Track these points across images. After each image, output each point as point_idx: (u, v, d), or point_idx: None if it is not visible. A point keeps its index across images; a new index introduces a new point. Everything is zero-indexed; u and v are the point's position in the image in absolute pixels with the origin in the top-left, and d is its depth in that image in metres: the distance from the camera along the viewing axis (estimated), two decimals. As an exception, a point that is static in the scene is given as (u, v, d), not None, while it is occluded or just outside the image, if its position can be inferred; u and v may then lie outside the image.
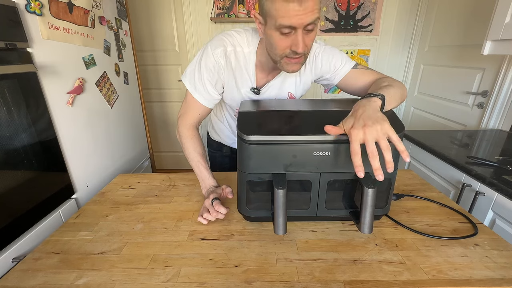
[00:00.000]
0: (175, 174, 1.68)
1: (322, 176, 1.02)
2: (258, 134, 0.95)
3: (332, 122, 0.95)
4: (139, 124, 2.94)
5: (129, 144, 2.66)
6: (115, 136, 2.38)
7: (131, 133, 2.72)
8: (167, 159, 4.79)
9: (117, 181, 1.62)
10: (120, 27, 2.57)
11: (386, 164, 0.84)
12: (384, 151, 0.84)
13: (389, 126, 0.85)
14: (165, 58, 4.17)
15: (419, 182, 1.53)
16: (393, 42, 3.98)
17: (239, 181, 1.09)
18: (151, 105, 4.41)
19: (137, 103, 2.90)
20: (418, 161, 2.17)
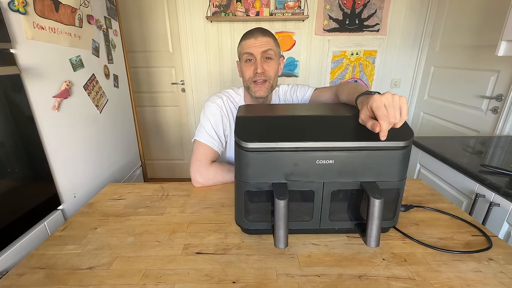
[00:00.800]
0: (168, 183, 1.69)
1: (325, 185, 1.02)
2: (257, 140, 0.95)
3: (336, 127, 0.97)
4: (130, 130, 2.95)
5: (120, 151, 2.67)
6: (105, 143, 2.38)
7: (122, 140, 2.72)
8: (160, 168, 4.79)
9: (106, 191, 1.62)
10: (110, 26, 2.58)
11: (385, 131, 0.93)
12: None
13: (406, 100, 0.95)
14: (157, 59, 4.18)
15: (429, 192, 1.54)
16: (402, 42, 4.01)
17: (236, 191, 1.09)
18: (143, 110, 4.42)
19: (127, 108, 2.90)
20: (428, 169, 2.17)
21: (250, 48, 1.59)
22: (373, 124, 0.93)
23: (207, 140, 1.66)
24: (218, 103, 1.73)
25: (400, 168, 1.00)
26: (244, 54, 1.62)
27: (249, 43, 1.60)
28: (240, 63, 1.71)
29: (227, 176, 1.64)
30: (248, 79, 1.66)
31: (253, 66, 1.63)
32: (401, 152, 0.96)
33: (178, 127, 4.55)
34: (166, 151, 4.69)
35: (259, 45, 1.58)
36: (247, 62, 1.64)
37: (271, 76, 1.65)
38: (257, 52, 1.59)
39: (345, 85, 1.52)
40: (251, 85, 1.67)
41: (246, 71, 1.65)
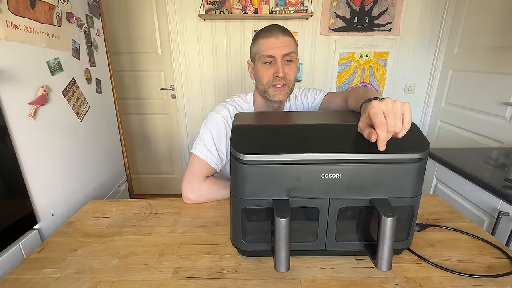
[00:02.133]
0: (157, 200, 1.69)
1: (331, 202, 1.03)
2: (255, 152, 0.96)
3: (343, 137, 0.98)
4: (114, 141, 2.95)
5: (103, 164, 2.67)
6: (86, 155, 2.38)
7: (105, 152, 2.72)
8: (147, 183, 4.79)
9: (88, 209, 1.62)
10: (92, 25, 2.58)
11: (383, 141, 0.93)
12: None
13: (409, 106, 0.96)
14: (145, 62, 4.20)
15: (447, 209, 1.54)
16: (416, 43, 4.03)
17: (233, 209, 1.09)
18: (129, 118, 4.43)
19: (111, 116, 2.91)
20: (445, 184, 2.18)
21: (271, 50, 1.58)
22: (369, 133, 0.94)
23: (205, 154, 1.65)
24: (223, 114, 1.71)
25: (414, 183, 1.00)
26: (263, 56, 1.61)
27: (270, 43, 1.59)
28: (255, 64, 1.71)
29: (223, 192, 1.64)
30: (266, 82, 1.65)
31: (272, 69, 1.62)
32: (416, 165, 0.97)
33: (167, 138, 4.55)
34: (155, 164, 4.68)
35: (281, 46, 1.58)
36: (266, 64, 1.63)
37: (291, 80, 1.66)
38: (278, 54, 1.58)
39: (355, 90, 1.52)
40: (269, 89, 1.66)
41: (264, 74, 1.65)
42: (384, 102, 0.93)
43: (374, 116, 0.92)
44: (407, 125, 0.93)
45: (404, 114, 0.93)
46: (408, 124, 0.93)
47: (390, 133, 0.92)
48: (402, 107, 0.93)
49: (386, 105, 0.93)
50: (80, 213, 1.58)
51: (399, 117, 0.92)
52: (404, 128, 0.93)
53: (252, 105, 1.84)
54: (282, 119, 1.27)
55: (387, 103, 0.93)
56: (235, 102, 1.82)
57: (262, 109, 1.82)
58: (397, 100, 0.94)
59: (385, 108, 0.92)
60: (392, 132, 0.92)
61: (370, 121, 0.96)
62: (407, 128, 0.93)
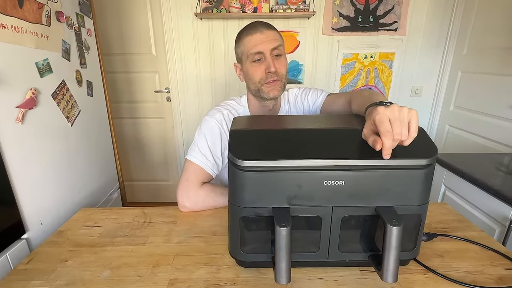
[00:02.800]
0: (151, 208, 1.69)
1: (334, 211, 1.03)
2: (254, 158, 0.96)
3: (347, 143, 0.99)
4: (107, 146, 2.96)
5: (94, 171, 2.67)
6: (77, 161, 2.38)
7: (97, 158, 2.72)
8: (141, 190, 4.79)
9: (78, 217, 1.62)
10: (83, 24, 2.59)
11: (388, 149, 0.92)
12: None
13: (416, 114, 0.95)
14: (138, 63, 4.20)
15: (456, 218, 1.54)
16: (424, 43, 4.03)
17: (230, 218, 1.09)
18: (122, 122, 4.43)
19: (103, 120, 2.92)
20: (454, 192, 2.18)
21: (258, 46, 1.59)
22: (374, 141, 0.93)
23: (200, 160, 1.66)
24: (218, 118, 1.72)
25: (421, 190, 1.00)
26: (251, 54, 1.62)
27: (256, 39, 1.60)
28: (244, 64, 1.71)
29: (220, 199, 1.64)
30: (259, 80, 1.66)
31: (263, 66, 1.63)
32: (423, 172, 0.97)
33: (162, 143, 4.55)
34: (149, 171, 4.68)
35: (268, 41, 1.59)
36: (255, 62, 1.64)
37: (283, 74, 1.67)
38: (267, 49, 1.59)
39: (359, 92, 1.52)
40: (262, 87, 1.67)
41: (256, 73, 1.65)
42: (390, 108, 0.93)
43: (380, 123, 0.92)
44: (413, 133, 0.93)
45: (410, 122, 0.93)
46: (415, 132, 0.93)
47: (396, 141, 0.92)
48: (409, 114, 0.93)
49: (393, 112, 0.93)
50: (70, 222, 1.58)
51: (405, 124, 0.92)
52: (410, 137, 0.93)
53: (247, 108, 1.85)
54: (283, 123, 1.27)
55: (393, 110, 0.93)
56: (230, 105, 1.83)
57: (257, 111, 1.84)
58: (403, 107, 0.94)
59: (391, 115, 0.92)
60: (398, 140, 0.92)
61: (375, 128, 0.96)
62: (413, 137, 0.93)
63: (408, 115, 0.93)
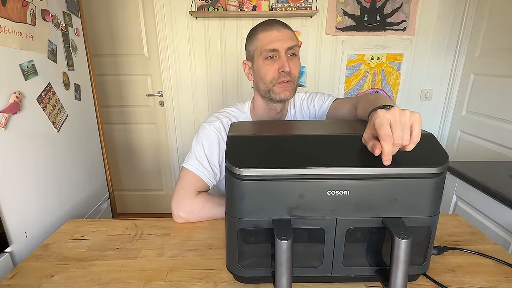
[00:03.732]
0: (143, 220, 1.69)
1: (339, 222, 1.02)
2: (253, 166, 0.95)
3: (352, 150, 0.99)
4: (95, 154, 2.96)
5: (82, 180, 2.67)
6: (64, 169, 2.38)
7: (85, 166, 2.72)
8: (132, 200, 4.78)
9: (65, 230, 1.62)
10: (70, 24, 2.59)
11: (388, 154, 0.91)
12: None
13: (419, 117, 0.94)
14: (130, 65, 4.20)
15: (468, 230, 1.54)
16: (434, 44, 4.03)
17: (228, 230, 1.09)
18: (112, 128, 4.43)
19: (92, 126, 2.92)
20: (466, 202, 2.18)
21: (274, 43, 1.60)
22: (373, 145, 0.93)
23: (197, 168, 1.66)
24: (216, 125, 1.72)
25: (431, 200, 1.00)
26: (265, 51, 1.63)
27: (272, 36, 1.61)
28: (256, 62, 1.72)
29: (216, 210, 1.64)
30: (271, 80, 1.66)
31: (276, 64, 1.63)
32: (433, 181, 0.97)
33: (155, 150, 4.55)
34: (141, 180, 4.67)
35: (284, 39, 1.60)
36: (268, 59, 1.64)
37: (296, 76, 1.68)
38: (282, 47, 1.60)
39: (365, 96, 1.51)
40: (273, 87, 1.67)
41: (268, 71, 1.66)
42: (391, 111, 0.93)
43: (379, 126, 0.92)
44: (416, 137, 0.92)
45: (413, 125, 0.92)
46: (417, 136, 0.92)
47: (396, 146, 0.91)
48: (411, 117, 0.92)
49: (393, 115, 0.92)
50: (57, 234, 1.58)
51: (407, 128, 0.91)
52: (413, 141, 0.92)
53: (250, 114, 1.86)
54: (284, 129, 1.27)
55: (394, 112, 0.92)
56: (230, 113, 1.84)
57: (263, 115, 1.84)
58: (405, 110, 0.94)
59: (391, 118, 0.92)
60: (399, 145, 0.91)
61: (375, 132, 0.95)
62: (416, 141, 0.92)
63: (410, 118, 0.92)
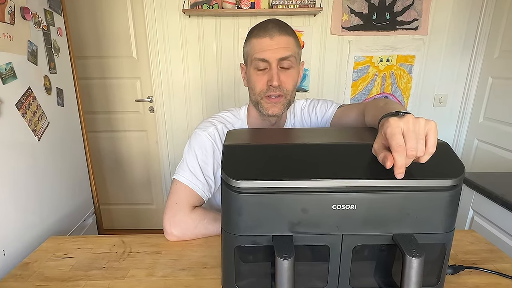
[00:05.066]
0: (131, 236, 1.68)
1: (345, 239, 1.02)
2: (251, 178, 0.95)
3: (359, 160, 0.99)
4: (80, 164, 2.95)
5: (65, 193, 2.66)
6: (45, 181, 2.37)
7: (68, 177, 2.72)
8: (119, 215, 4.77)
9: (47, 247, 1.61)
10: (52, 23, 2.59)
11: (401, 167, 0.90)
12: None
13: (435, 125, 0.93)
14: (117, 68, 4.20)
15: (486, 248, 1.54)
16: (449, 45, 4.03)
17: (224, 247, 1.08)
18: (97, 137, 4.43)
19: (76, 134, 2.92)
20: (484, 217, 2.18)
21: (263, 53, 1.57)
22: (384, 157, 0.92)
23: (190, 180, 1.64)
24: (211, 132, 1.70)
25: (446, 215, 1.00)
26: (255, 60, 1.61)
27: (263, 44, 1.57)
28: (248, 68, 1.71)
29: (212, 227, 1.62)
30: (259, 92, 1.65)
31: (266, 76, 1.61)
32: (448, 194, 0.96)
33: (144, 160, 4.55)
34: (129, 193, 4.67)
35: (276, 49, 1.56)
36: (258, 70, 1.62)
37: (288, 90, 1.65)
38: (273, 58, 1.57)
39: (374, 102, 1.51)
40: (261, 101, 1.66)
41: (257, 82, 1.64)
42: (404, 119, 0.92)
43: (391, 136, 0.91)
44: (431, 148, 0.91)
45: (428, 135, 0.91)
46: (433, 147, 0.91)
47: (409, 157, 0.90)
48: (426, 126, 0.91)
49: (407, 123, 0.91)
50: (37, 252, 1.57)
51: (421, 138, 0.90)
52: (428, 152, 0.91)
53: (246, 121, 1.85)
54: (285, 137, 1.27)
55: (407, 121, 0.91)
56: (225, 118, 1.83)
57: (257, 126, 1.83)
58: (420, 118, 0.92)
59: (405, 127, 0.90)
60: (412, 156, 0.90)
61: (386, 142, 0.94)
62: (431, 152, 0.91)
63: (425, 127, 0.91)
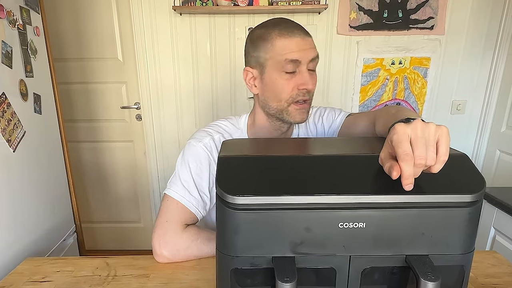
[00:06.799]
0: (116, 258, 1.68)
1: (353, 261, 1.01)
2: (250, 193, 0.94)
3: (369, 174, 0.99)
4: (59, 178, 2.94)
5: (43, 209, 2.65)
6: (20, 196, 2.36)
7: (46, 192, 2.71)
8: (104, 234, 4.76)
9: (23, 270, 1.61)
10: (29, 21, 2.59)
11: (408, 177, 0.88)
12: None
13: (447, 131, 0.91)
14: (101, 72, 4.20)
15: (509, 270, 1.54)
16: (468, 45, 4.02)
17: (219, 269, 1.08)
18: (79, 147, 4.42)
19: (55, 144, 2.91)
20: (507, 236, 2.17)
21: (296, 53, 1.54)
22: (390, 167, 0.90)
23: (182, 196, 1.62)
24: (206, 143, 1.68)
25: (465, 234, 0.99)
26: (285, 62, 1.56)
27: (294, 44, 1.55)
28: (267, 72, 1.64)
29: (206, 247, 1.61)
30: (287, 98, 1.61)
31: (295, 80, 1.58)
32: (467, 211, 0.95)
33: (131, 173, 4.55)
34: (114, 210, 4.66)
35: (308, 49, 1.57)
36: (286, 73, 1.58)
37: (313, 94, 1.66)
38: (306, 58, 1.56)
39: (385, 110, 1.50)
40: (289, 108, 1.63)
41: (286, 87, 1.60)
42: (412, 125, 0.90)
43: (397, 144, 0.89)
44: (443, 156, 0.89)
45: (439, 142, 0.89)
46: (445, 155, 0.89)
47: (418, 167, 0.88)
48: (437, 132, 0.89)
49: (414, 129, 0.89)
50: (12, 275, 1.57)
51: (432, 145, 0.88)
52: (440, 160, 0.89)
53: (246, 131, 1.83)
54: (286, 148, 1.27)
55: (415, 126, 0.89)
56: (222, 128, 1.80)
57: (262, 136, 1.79)
58: (430, 123, 0.91)
59: (412, 134, 0.89)
60: (421, 165, 0.88)
61: (393, 151, 0.92)
62: (443, 161, 0.89)
63: (435, 133, 0.89)
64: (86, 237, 4.24)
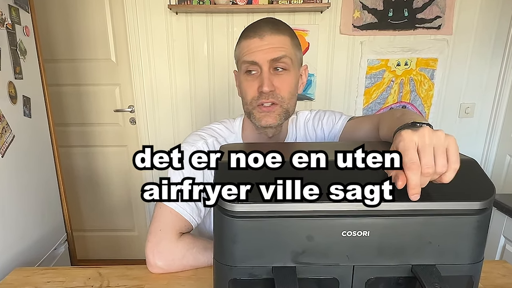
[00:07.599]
0: (109, 268, 1.68)
1: (356, 271, 1.01)
2: (249, 200, 0.94)
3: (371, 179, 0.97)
4: (49, 185, 2.94)
5: (33, 217, 2.64)
6: (9, 203, 2.36)
7: (36, 200, 2.70)
8: (96, 243, 4.75)
9: (12, 280, 1.61)
10: (18, 21, 2.59)
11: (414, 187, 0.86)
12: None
13: (455, 141, 0.90)
14: (93, 73, 4.20)
15: (521, 281, 1.54)
16: (476, 46, 4.02)
17: (216, 280, 1.08)
18: (70, 152, 4.42)
19: (45, 149, 2.91)
20: (519, 245, 2.17)
21: (252, 54, 1.55)
22: (395, 176, 0.89)
23: (177, 203, 1.60)
24: (200, 146, 1.70)
25: (473, 243, 0.99)
26: (244, 63, 1.59)
27: (252, 44, 1.55)
28: (238, 74, 1.72)
29: (202, 257, 1.60)
30: (250, 100, 1.63)
31: (257, 81, 1.58)
32: (476, 219, 0.95)
33: (125, 179, 4.54)
34: (107, 218, 4.65)
35: (266, 49, 1.53)
36: (248, 74, 1.61)
37: (284, 97, 1.60)
38: (263, 60, 1.54)
39: (389, 113, 1.48)
40: (253, 110, 1.63)
41: (248, 89, 1.62)
42: (419, 132, 0.89)
43: (403, 152, 0.88)
44: (454, 163, 0.87)
45: (448, 150, 0.88)
46: (456, 162, 0.87)
47: (425, 176, 0.86)
48: (446, 140, 0.89)
49: (422, 136, 0.88)
50: (1, 286, 1.56)
51: (442, 151, 0.87)
52: (452, 168, 0.87)
53: (240, 135, 1.84)
54: (287, 153, 1.27)
55: (423, 134, 0.89)
56: (216, 131, 1.81)
57: (253, 140, 1.80)
58: (439, 130, 0.90)
59: (419, 141, 0.88)
60: (428, 174, 0.86)
61: None
62: (455, 169, 0.87)
63: (444, 141, 0.88)
64: (77, 246, 4.23)
